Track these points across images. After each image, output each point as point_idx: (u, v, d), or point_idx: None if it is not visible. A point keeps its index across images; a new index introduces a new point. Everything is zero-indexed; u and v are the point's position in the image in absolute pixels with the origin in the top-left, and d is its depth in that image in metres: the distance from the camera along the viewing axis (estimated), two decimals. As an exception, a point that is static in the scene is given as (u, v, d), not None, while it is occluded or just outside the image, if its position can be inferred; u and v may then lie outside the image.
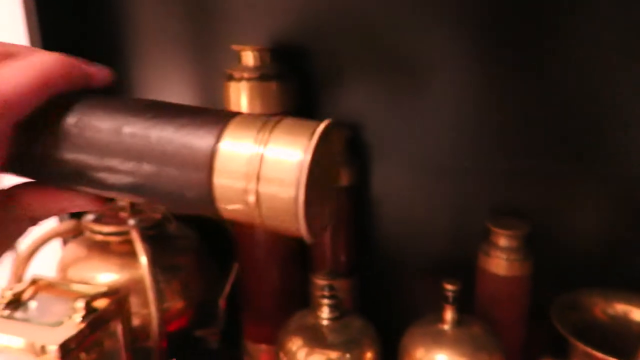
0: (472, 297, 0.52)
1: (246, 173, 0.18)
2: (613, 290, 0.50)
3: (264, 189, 0.18)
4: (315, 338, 0.47)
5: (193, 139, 0.19)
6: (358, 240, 0.57)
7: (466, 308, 0.49)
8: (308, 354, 0.47)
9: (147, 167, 0.20)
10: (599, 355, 0.42)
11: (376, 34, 0.54)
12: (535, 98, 0.52)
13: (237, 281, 0.60)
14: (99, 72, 0.23)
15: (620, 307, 0.49)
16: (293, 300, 0.56)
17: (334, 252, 0.55)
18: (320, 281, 0.48)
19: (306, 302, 0.58)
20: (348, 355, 0.47)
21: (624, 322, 0.48)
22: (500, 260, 0.49)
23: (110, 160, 0.20)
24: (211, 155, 0.19)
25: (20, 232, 0.23)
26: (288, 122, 0.19)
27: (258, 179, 0.18)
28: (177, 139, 0.19)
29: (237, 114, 0.20)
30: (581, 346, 0.43)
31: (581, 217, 0.53)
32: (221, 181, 0.19)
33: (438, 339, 0.46)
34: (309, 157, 0.18)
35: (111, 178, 0.21)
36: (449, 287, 0.46)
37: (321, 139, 0.18)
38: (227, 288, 0.61)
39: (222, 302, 0.60)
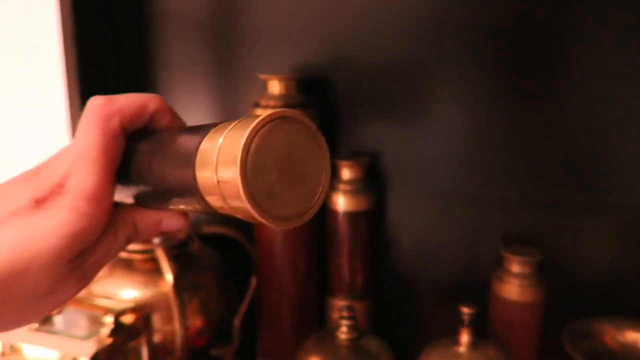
0: (484, 322, 0.54)
1: (211, 162, 0.20)
2: (623, 318, 0.52)
3: (221, 174, 0.20)
4: (333, 357, 0.49)
5: (186, 142, 0.22)
6: (374, 263, 0.59)
7: (478, 332, 0.51)
8: (326, 374, 0.48)
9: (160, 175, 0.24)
10: (611, 381, 0.43)
11: (393, 67, 0.57)
12: (545, 129, 0.54)
13: (254, 299, 0.61)
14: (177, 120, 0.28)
15: (630, 335, 0.50)
16: (309, 319, 0.58)
17: (351, 274, 0.56)
18: (340, 302, 0.49)
19: (322, 322, 0.60)
20: (365, 376, 0.48)
21: (634, 350, 0.50)
22: (514, 286, 0.51)
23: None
24: (195, 152, 0.21)
25: (119, 250, 0.26)
26: (250, 118, 0.21)
27: (216, 166, 0.20)
28: (180, 142, 0.23)
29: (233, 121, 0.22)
30: (593, 372, 0.45)
31: (590, 245, 0.55)
32: (200, 174, 0.21)
33: (453, 361, 0.47)
34: (246, 139, 0.19)
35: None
36: (466, 310, 0.47)
37: (267, 125, 0.20)
38: (243, 307, 0.62)
39: (237, 322, 0.61)
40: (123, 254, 0.56)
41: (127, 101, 0.25)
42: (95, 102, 0.24)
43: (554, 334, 0.51)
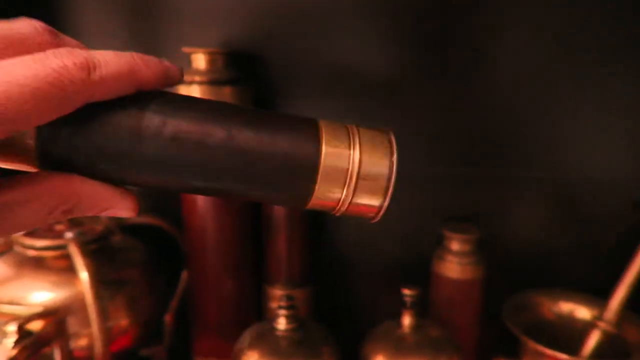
0: (428, 302, 0.53)
1: (347, 172, 0.20)
2: (559, 290, 0.53)
3: (359, 199, 0.21)
4: (273, 350, 0.46)
5: (295, 144, 0.20)
6: (314, 249, 0.56)
7: (423, 313, 0.50)
8: (266, 368, 0.45)
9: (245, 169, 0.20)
10: (548, 351, 0.44)
11: (331, 41, 0.54)
12: (478, 107, 0.54)
13: (186, 294, 0.57)
14: (174, 69, 0.21)
15: (565, 306, 0.51)
16: (246, 312, 0.54)
17: (290, 261, 0.53)
18: (278, 291, 0.46)
19: (260, 314, 0.56)
20: (307, 367, 0.45)
21: (570, 320, 0.51)
22: (454, 264, 0.50)
23: (203, 162, 0.20)
24: (315, 158, 0.20)
25: (40, 223, 0.20)
26: (364, 130, 0.22)
27: (355, 189, 0.21)
28: (279, 143, 0.20)
29: (312, 119, 0.21)
30: (531, 344, 0.45)
31: (528, 221, 0.56)
32: (324, 181, 0.20)
33: (398, 345, 0.46)
34: (393, 167, 0.21)
35: (198, 177, 0.20)
36: (408, 292, 0.46)
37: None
38: (175, 303, 0.57)
39: (168, 318, 0.57)
40: (31, 252, 0.50)
41: (108, 71, 0.19)
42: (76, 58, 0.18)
43: (495, 310, 0.51)
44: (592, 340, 0.47)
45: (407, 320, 0.46)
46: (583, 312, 0.50)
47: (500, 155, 0.55)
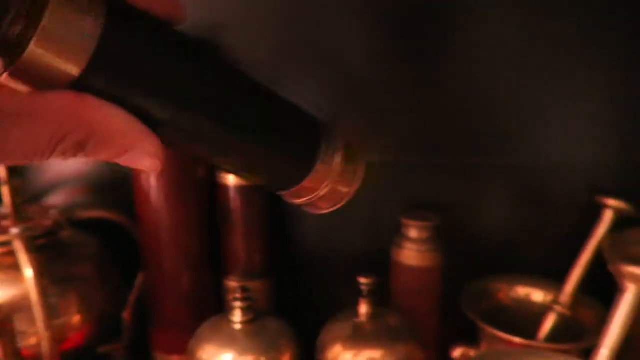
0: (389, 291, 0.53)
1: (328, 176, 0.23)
2: (516, 276, 0.53)
3: (338, 186, 0.24)
4: (228, 344, 0.45)
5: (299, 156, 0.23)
6: (273, 240, 0.55)
7: (385, 302, 0.49)
8: (222, 362, 0.44)
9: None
10: (504, 336, 0.44)
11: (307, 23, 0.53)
12: (442, 96, 0.53)
13: (144, 289, 0.56)
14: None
15: (522, 291, 0.52)
16: (206, 306, 0.53)
17: (248, 252, 0.53)
18: (232, 283, 0.45)
19: (221, 308, 0.55)
20: (263, 359, 0.45)
21: (527, 304, 0.51)
22: (412, 252, 0.50)
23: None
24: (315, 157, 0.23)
25: (38, 154, 0.17)
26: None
27: (336, 180, 0.24)
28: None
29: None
30: (489, 329, 0.45)
31: (488, 208, 0.56)
32: (313, 177, 0.23)
33: (355, 334, 0.45)
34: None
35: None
36: (364, 281, 0.45)
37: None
38: (132, 298, 0.56)
39: (126, 314, 0.55)
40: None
41: None
42: None
43: (455, 298, 0.51)
44: (548, 324, 0.48)
45: (364, 309, 0.46)
46: (539, 296, 0.50)
47: (463, 144, 0.55)
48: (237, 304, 0.46)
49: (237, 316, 0.46)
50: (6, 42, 0.15)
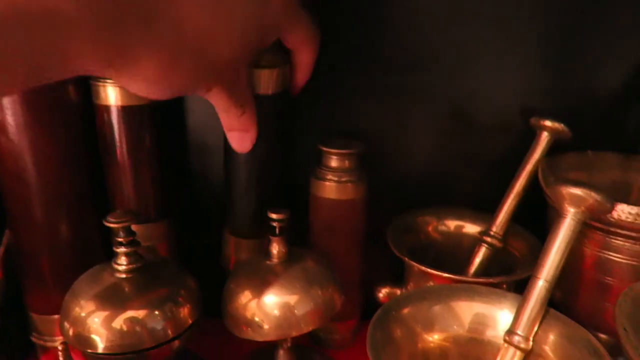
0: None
1: None
2: (444, 208, 0.48)
3: None
4: (112, 297, 0.37)
5: None
6: (172, 174, 0.47)
7: (302, 241, 0.43)
8: (106, 320, 0.36)
9: None
10: (433, 272, 0.39)
11: None
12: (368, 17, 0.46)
13: (14, 244, 0.46)
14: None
15: (452, 224, 0.47)
16: (88, 257, 0.44)
17: (139, 190, 0.44)
18: (114, 225, 0.37)
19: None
20: (157, 312, 0.37)
21: (457, 238, 0.47)
22: (332, 183, 0.44)
23: None
24: None
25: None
26: None
27: None
28: None
29: None
30: (416, 266, 0.40)
31: (413, 135, 0.50)
32: None
33: (266, 278, 0.39)
34: None
35: None
36: (275, 216, 0.39)
37: None
38: (0, 254, 0.46)
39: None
40: None
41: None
42: None
43: (380, 234, 0.46)
44: (478, 257, 0.44)
45: (275, 249, 0.39)
46: (470, 229, 0.46)
47: (389, 62, 0.48)
48: (121, 249, 0.37)
49: (122, 264, 0.38)
50: None
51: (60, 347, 0.34)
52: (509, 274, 0.40)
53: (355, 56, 0.47)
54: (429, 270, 0.39)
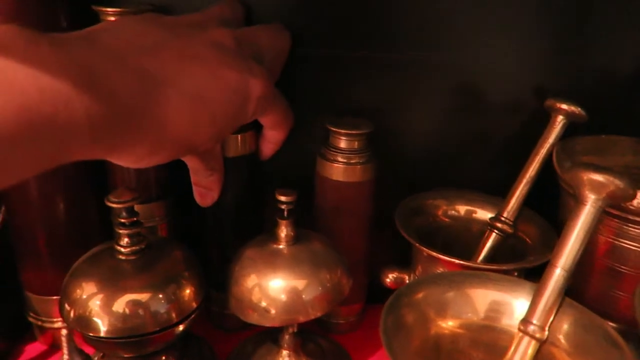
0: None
1: None
2: (455, 191, 0.47)
3: None
4: (114, 279, 0.36)
5: None
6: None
7: (309, 223, 0.42)
8: (108, 302, 0.35)
9: None
10: (442, 257, 0.38)
11: None
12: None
13: (8, 222, 0.44)
14: None
15: (462, 209, 0.46)
16: (87, 237, 0.43)
17: (140, 168, 0.42)
18: (114, 204, 0.35)
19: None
20: (161, 295, 0.36)
21: (466, 223, 0.46)
22: (340, 164, 0.42)
23: None
24: None
25: None
26: None
27: None
28: None
29: None
30: (425, 251, 0.39)
31: (422, 114, 0.49)
32: None
33: (272, 261, 0.38)
34: None
35: None
36: (283, 198, 0.37)
37: None
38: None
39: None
40: None
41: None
42: None
43: (388, 217, 0.44)
44: (489, 243, 0.43)
45: (283, 232, 0.38)
46: (482, 214, 0.45)
47: (396, 37, 0.46)
48: (123, 230, 0.36)
49: (124, 246, 0.36)
50: None
51: (63, 333, 0.33)
52: (519, 260, 0.40)
53: (360, 31, 0.45)
54: (439, 255, 0.38)
